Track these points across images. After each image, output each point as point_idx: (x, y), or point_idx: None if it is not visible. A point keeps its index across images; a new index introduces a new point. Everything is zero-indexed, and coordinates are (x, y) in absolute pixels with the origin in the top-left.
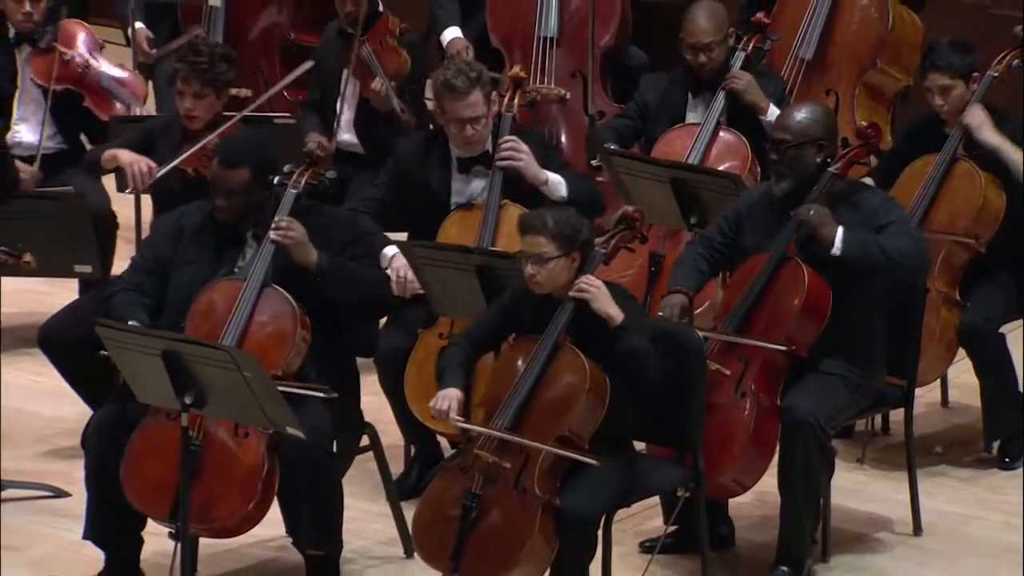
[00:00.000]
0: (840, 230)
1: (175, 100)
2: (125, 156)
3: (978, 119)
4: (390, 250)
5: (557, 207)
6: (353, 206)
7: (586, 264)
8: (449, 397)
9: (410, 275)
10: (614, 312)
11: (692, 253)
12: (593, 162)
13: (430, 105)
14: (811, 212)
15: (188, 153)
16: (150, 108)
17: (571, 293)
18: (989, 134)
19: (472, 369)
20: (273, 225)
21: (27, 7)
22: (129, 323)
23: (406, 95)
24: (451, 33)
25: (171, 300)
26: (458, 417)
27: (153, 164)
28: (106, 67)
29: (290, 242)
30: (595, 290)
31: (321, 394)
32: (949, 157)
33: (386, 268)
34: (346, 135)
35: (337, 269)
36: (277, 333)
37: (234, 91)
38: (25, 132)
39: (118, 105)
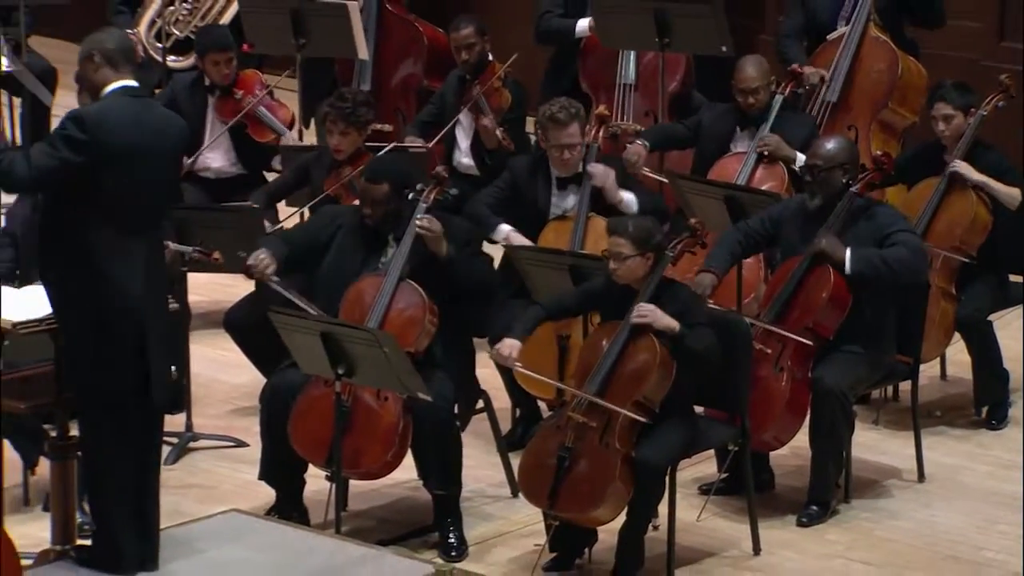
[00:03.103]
0: (848, 252)
1: (326, 136)
2: None
3: (962, 168)
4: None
5: (638, 216)
6: (478, 196)
7: (659, 264)
8: (511, 346)
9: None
10: (672, 324)
11: (730, 238)
12: (646, 170)
13: (532, 139)
14: (823, 243)
15: (335, 186)
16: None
17: (633, 320)
18: (975, 176)
19: (534, 329)
20: (417, 221)
21: (225, 70)
22: (261, 251)
23: (507, 125)
24: (583, 25)
25: (323, 282)
26: (519, 363)
27: None
28: (263, 101)
29: (431, 234)
30: (650, 315)
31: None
32: (946, 180)
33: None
34: (465, 159)
35: (461, 259)
36: (410, 318)
37: (378, 126)
38: (212, 159)
39: (283, 135)
